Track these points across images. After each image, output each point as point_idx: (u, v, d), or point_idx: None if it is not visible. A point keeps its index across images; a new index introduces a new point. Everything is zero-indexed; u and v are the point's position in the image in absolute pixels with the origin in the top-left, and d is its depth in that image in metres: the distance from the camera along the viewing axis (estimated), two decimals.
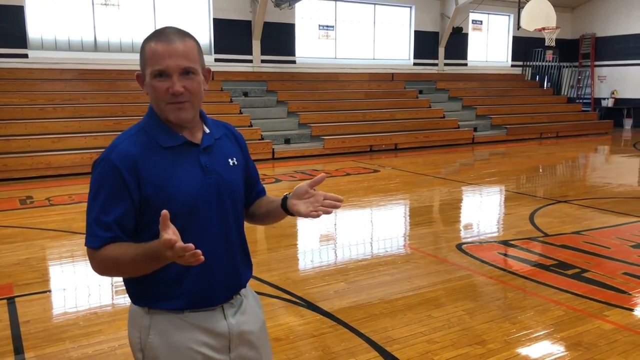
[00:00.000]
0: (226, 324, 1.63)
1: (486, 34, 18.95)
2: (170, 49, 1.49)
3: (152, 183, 1.50)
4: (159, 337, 1.57)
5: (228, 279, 1.64)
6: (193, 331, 1.58)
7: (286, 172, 10.17)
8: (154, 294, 1.57)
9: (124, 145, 1.53)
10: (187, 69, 1.51)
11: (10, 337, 3.49)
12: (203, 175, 1.57)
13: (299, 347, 3.36)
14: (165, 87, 1.50)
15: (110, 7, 12.83)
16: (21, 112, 10.72)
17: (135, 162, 1.49)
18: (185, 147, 1.57)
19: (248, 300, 1.73)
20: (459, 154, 13.28)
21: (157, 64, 1.50)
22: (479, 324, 3.68)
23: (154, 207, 1.49)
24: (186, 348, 1.57)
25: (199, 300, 1.59)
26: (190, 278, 1.56)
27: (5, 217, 6.83)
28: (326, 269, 4.88)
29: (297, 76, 14.95)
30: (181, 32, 1.55)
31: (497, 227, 6.50)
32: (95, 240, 1.49)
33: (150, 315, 1.58)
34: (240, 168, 1.70)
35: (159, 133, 1.56)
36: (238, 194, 1.68)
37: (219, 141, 1.66)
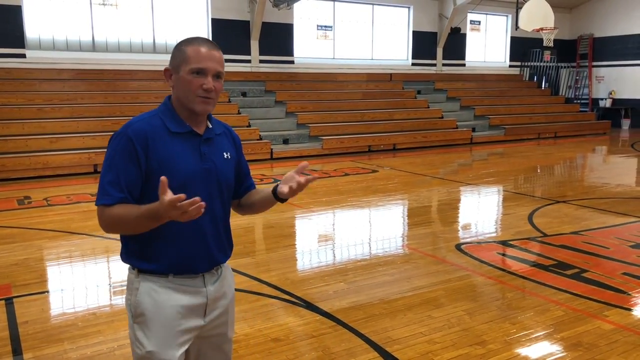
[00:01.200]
0: (205, 290, 1.89)
1: (484, 34, 18.97)
2: (212, 54, 1.83)
3: (157, 159, 1.78)
4: (145, 296, 1.83)
5: (210, 253, 1.90)
6: (176, 292, 1.84)
7: (285, 172, 10.07)
8: (143, 257, 1.84)
9: (140, 124, 1.82)
10: (219, 73, 1.85)
11: (9, 338, 3.47)
12: (201, 161, 1.86)
13: (299, 348, 3.35)
14: (201, 82, 1.81)
15: (108, 7, 12.80)
16: (19, 112, 10.69)
17: (147, 138, 1.78)
18: (189, 135, 1.86)
19: (225, 273, 2.02)
20: (457, 154, 13.29)
21: (199, 63, 1.80)
22: (479, 324, 3.67)
23: (155, 179, 1.70)
24: (169, 306, 1.83)
25: (182, 267, 1.85)
26: (176, 247, 1.84)
27: (3, 217, 6.80)
28: (325, 270, 4.87)
29: (296, 76, 14.94)
30: (214, 43, 1.88)
31: (496, 227, 6.50)
32: (108, 199, 1.75)
33: (140, 278, 1.85)
34: (232, 162, 1.99)
35: (170, 120, 1.85)
36: (227, 183, 1.96)
37: (218, 136, 1.96)
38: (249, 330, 3.57)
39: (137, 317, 1.84)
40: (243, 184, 2.10)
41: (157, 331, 1.82)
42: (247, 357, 3.23)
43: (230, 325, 2.03)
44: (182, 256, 1.85)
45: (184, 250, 1.85)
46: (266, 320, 3.75)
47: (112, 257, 5.23)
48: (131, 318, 1.86)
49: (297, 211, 7.17)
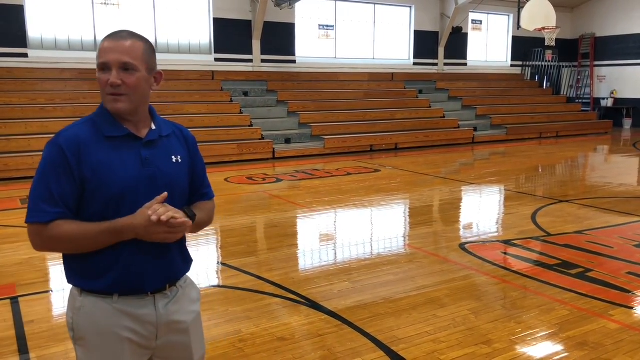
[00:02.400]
0: (155, 313, 1.72)
1: (486, 33, 18.96)
2: (114, 45, 1.66)
3: (91, 167, 1.62)
4: (87, 319, 1.68)
5: (158, 269, 1.73)
6: (120, 316, 1.68)
7: (287, 172, 10.15)
8: (86, 275, 1.68)
9: (71, 131, 1.67)
10: (126, 65, 1.66)
11: (15, 337, 3.48)
12: (141, 167, 1.68)
13: (305, 347, 3.35)
14: (106, 79, 1.66)
15: (110, 6, 12.81)
16: (21, 111, 10.69)
17: (79, 145, 1.63)
18: (127, 139, 1.70)
19: (185, 292, 1.83)
20: (459, 153, 13.29)
21: (101, 58, 1.67)
22: (484, 323, 3.67)
23: (90, 189, 1.63)
24: (111, 332, 1.67)
25: (127, 285, 1.68)
26: (120, 263, 1.67)
27: (7, 216, 6.81)
28: (329, 269, 4.87)
29: (297, 76, 14.93)
30: (133, 33, 1.72)
31: (499, 226, 6.50)
32: (44, 215, 1.60)
33: (83, 297, 1.70)
34: (184, 166, 1.80)
35: (105, 124, 1.69)
36: (178, 189, 1.76)
37: (165, 138, 1.78)
38: (255, 329, 3.58)
39: (78, 339, 1.71)
40: (197, 191, 1.89)
41: (99, 357, 1.69)
42: (253, 356, 3.23)
43: (196, 347, 1.85)
44: (127, 273, 1.67)
45: (129, 266, 1.67)
46: (271, 319, 3.75)
47: None
48: (72, 338, 1.73)
49: (299, 211, 7.17)
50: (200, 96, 12.74)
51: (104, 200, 1.64)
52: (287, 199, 7.82)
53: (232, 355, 3.23)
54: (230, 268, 4.80)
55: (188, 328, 1.82)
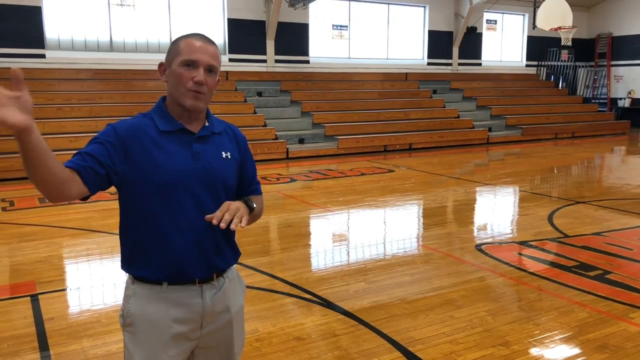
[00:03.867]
0: (201, 302, 1.77)
1: (500, 33, 18.82)
2: (204, 46, 1.76)
3: (142, 157, 1.69)
4: (137, 306, 1.75)
5: (206, 259, 1.78)
6: (167, 305, 1.74)
7: (300, 172, 10.16)
8: (135, 262, 1.76)
9: (129, 121, 1.77)
10: (212, 67, 1.76)
11: (35, 334, 3.52)
12: (192, 160, 1.75)
13: (321, 347, 3.36)
14: (192, 75, 1.72)
15: (125, 7, 12.92)
16: (39, 111, 10.82)
17: (132, 135, 1.71)
18: (180, 133, 1.77)
19: (231, 284, 1.88)
20: (473, 154, 13.21)
21: (190, 55, 1.73)
22: (502, 325, 3.65)
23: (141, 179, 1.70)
24: (159, 319, 1.73)
25: (175, 273, 1.74)
26: (165, 251, 1.73)
27: (25, 215, 6.90)
28: (345, 269, 4.86)
29: (311, 76, 14.95)
30: (211, 39, 1.82)
31: (515, 227, 6.44)
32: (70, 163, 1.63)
33: (135, 285, 1.77)
34: (233, 163, 1.85)
35: (160, 119, 1.77)
36: (225, 184, 1.82)
37: (216, 135, 1.84)
38: (272, 328, 3.59)
39: (127, 325, 1.77)
40: (247, 187, 1.95)
41: (146, 343, 1.74)
42: (270, 356, 3.24)
43: (237, 341, 1.91)
44: (174, 261, 1.73)
45: (176, 255, 1.73)
46: (288, 318, 3.75)
47: None
48: (122, 324, 1.80)
49: (314, 211, 7.17)
50: (214, 96, 12.75)
51: (154, 190, 1.70)
52: (301, 199, 7.82)
53: (250, 354, 3.24)
54: (245, 267, 4.82)
55: (232, 319, 1.86)
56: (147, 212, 1.72)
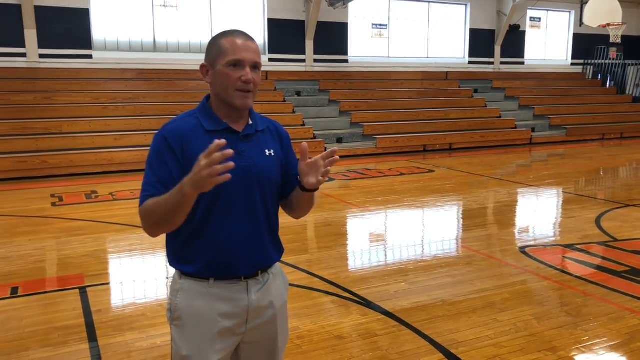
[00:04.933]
0: (247, 298, 1.79)
1: (545, 31, 18.33)
2: (248, 44, 1.75)
3: (191, 158, 1.65)
4: (184, 300, 1.78)
5: (252, 256, 1.80)
6: (214, 300, 1.77)
7: (339, 172, 10.15)
8: (183, 258, 1.79)
9: (175, 123, 1.78)
10: (256, 64, 1.76)
11: (84, 325, 3.63)
12: (237, 159, 1.70)
13: (361, 347, 3.34)
14: (238, 75, 1.72)
15: (168, 8, 13.20)
16: (86, 110, 11.18)
17: (181, 138, 1.73)
18: (226, 132, 1.77)
19: (275, 280, 1.90)
20: (516, 154, 12.91)
21: (235, 55, 1.73)
22: (548, 329, 3.55)
23: None
24: (206, 314, 1.76)
25: (221, 269, 1.77)
26: (213, 247, 1.75)
27: (73, 210, 7.13)
28: (385, 269, 4.83)
29: (350, 75, 14.92)
30: (250, 35, 1.81)
31: (561, 230, 6.26)
32: (143, 199, 1.70)
33: (182, 280, 1.81)
34: (276, 160, 1.86)
35: (206, 118, 1.78)
36: (270, 181, 1.83)
37: (260, 133, 1.85)
38: (313, 326, 3.59)
39: (175, 319, 1.80)
40: (291, 183, 1.93)
41: (193, 337, 1.77)
42: (311, 353, 3.25)
43: (281, 336, 1.92)
44: (221, 258, 1.76)
45: (222, 251, 1.75)
46: (328, 317, 3.75)
47: None
48: (169, 319, 1.83)
49: (352, 210, 7.16)
50: None
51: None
52: (340, 198, 7.82)
53: (291, 352, 3.25)
54: (284, 265, 4.84)
55: (276, 315, 1.88)
56: (196, 212, 1.72)
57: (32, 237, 5.84)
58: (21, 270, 4.77)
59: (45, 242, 5.69)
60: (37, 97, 11.15)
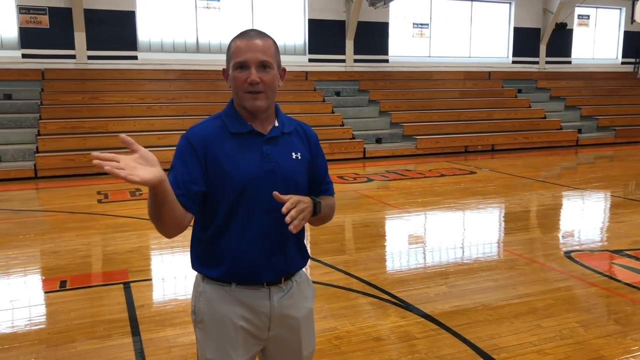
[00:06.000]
0: (269, 304, 1.77)
1: (593, 29, 17.73)
2: (251, 44, 1.71)
3: (215, 160, 1.70)
4: (207, 304, 1.78)
5: (275, 262, 1.77)
6: (236, 305, 1.76)
7: (377, 172, 10.10)
8: (205, 262, 1.78)
9: (200, 127, 1.77)
10: (263, 63, 1.71)
11: (128, 319, 3.73)
12: (262, 162, 1.73)
13: (400, 349, 3.31)
14: (245, 77, 1.70)
15: (211, 9, 13.42)
16: (131, 110, 11.49)
17: (205, 141, 1.71)
18: (251, 135, 1.75)
19: (300, 288, 1.86)
20: (561, 156, 12.54)
21: (238, 57, 1.71)
22: (595, 338, 3.42)
23: (213, 182, 1.70)
24: (227, 319, 1.75)
25: (243, 275, 1.74)
26: (236, 253, 1.73)
27: (118, 207, 7.34)
28: (424, 272, 4.77)
29: (390, 75, 14.82)
30: (261, 32, 1.77)
31: (609, 235, 6.04)
32: None
33: (204, 283, 1.80)
34: (303, 163, 1.81)
35: (231, 121, 1.76)
36: (297, 185, 1.77)
37: (287, 135, 1.81)
38: (351, 327, 3.58)
39: (199, 322, 1.81)
40: (318, 187, 1.90)
41: (216, 341, 1.77)
42: (349, 354, 3.23)
43: (305, 345, 1.88)
44: (243, 263, 1.73)
45: (244, 256, 1.73)
46: (366, 318, 3.73)
47: None
48: (194, 321, 1.83)
49: (392, 211, 7.10)
50: (293, 96, 13.00)
51: (226, 193, 1.70)
52: (379, 199, 7.77)
53: (328, 352, 3.25)
54: (322, 265, 4.84)
55: (299, 323, 1.85)
56: (218, 214, 1.72)
57: (79, 232, 6.03)
58: (69, 265, 4.94)
59: (92, 238, 5.87)
60: (85, 97, 11.54)
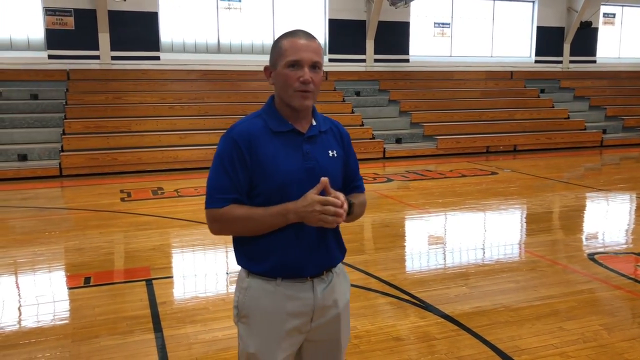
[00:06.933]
0: (313, 296, 1.82)
1: (619, 27, 17.40)
2: (306, 44, 1.76)
3: (259, 159, 1.74)
4: (252, 299, 1.81)
5: (317, 256, 1.82)
6: (282, 299, 1.79)
7: (397, 172, 10.06)
8: (252, 258, 1.82)
9: (243, 125, 1.80)
10: (315, 63, 1.76)
11: (150, 316, 3.79)
12: (303, 160, 1.78)
13: (420, 349, 3.30)
14: (297, 75, 1.74)
15: (232, 10, 13.52)
16: (153, 109, 11.64)
17: (250, 139, 1.76)
18: (291, 134, 1.80)
19: (339, 279, 1.92)
20: (585, 157, 12.33)
21: (293, 55, 1.74)
22: (619, 341, 3.37)
23: (257, 180, 1.75)
24: (273, 313, 1.79)
25: (289, 269, 1.79)
26: (281, 249, 1.78)
27: (141, 206, 7.44)
28: (445, 272, 4.74)
29: (410, 75, 14.75)
30: (309, 33, 1.81)
31: (634, 237, 5.92)
32: (219, 202, 1.75)
33: (250, 279, 1.83)
34: (339, 161, 1.87)
35: (272, 120, 1.80)
36: (334, 182, 1.80)
37: (323, 134, 1.87)
38: (370, 327, 3.58)
39: (242, 317, 1.84)
40: (350, 184, 1.96)
41: (260, 335, 1.81)
42: (369, 354, 3.24)
43: (344, 335, 1.94)
44: (288, 258, 1.79)
45: (289, 251, 1.78)
46: (386, 318, 3.73)
47: None
48: (236, 316, 1.86)
49: (412, 212, 7.07)
50: None
51: (269, 190, 1.75)
52: (399, 199, 7.74)
53: (348, 351, 3.25)
54: (343, 264, 4.84)
55: (340, 313, 1.90)
56: None
57: (102, 230, 6.14)
58: (93, 261, 5.03)
59: (115, 236, 5.97)
60: (109, 97, 11.72)
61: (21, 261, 5.13)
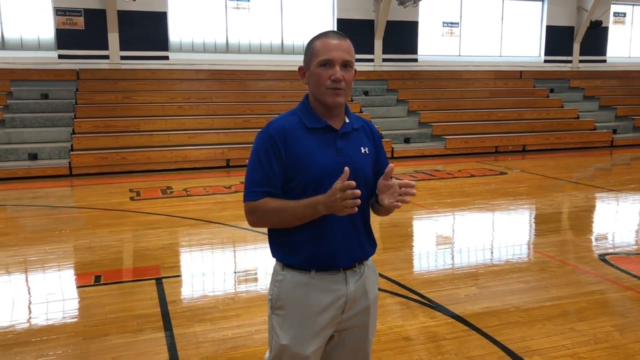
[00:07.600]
0: (345, 288, 1.88)
1: (630, 27, 17.27)
2: (337, 43, 1.84)
3: (294, 154, 1.82)
4: (286, 291, 1.88)
5: (350, 248, 1.89)
6: (316, 291, 1.86)
7: (406, 172, 10.03)
8: (286, 250, 1.88)
9: (279, 122, 1.88)
10: (347, 62, 1.84)
11: (160, 314, 3.80)
12: (336, 155, 1.85)
13: (430, 349, 3.29)
14: (329, 74, 1.82)
15: (241, 10, 13.55)
16: (162, 109, 11.68)
17: (285, 135, 1.83)
18: (326, 130, 1.88)
19: (370, 272, 1.98)
20: (595, 157, 12.25)
21: (325, 55, 1.83)
22: (632, 342, 3.34)
23: (292, 174, 1.83)
24: (307, 304, 1.85)
25: (322, 262, 1.85)
26: (315, 240, 1.84)
27: (150, 205, 7.47)
28: (454, 272, 4.73)
29: (419, 74, 14.71)
30: (341, 34, 1.90)
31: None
32: (256, 195, 1.82)
33: (284, 271, 1.89)
34: (370, 157, 1.94)
35: (307, 117, 1.88)
36: (364, 179, 1.89)
37: (356, 131, 1.94)
38: (380, 326, 3.57)
39: (276, 309, 1.89)
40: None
41: (294, 326, 1.86)
42: (379, 353, 3.23)
43: (372, 327, 2.00)
44: (323, 251, 1.84)
45: (325, 245, 1.84)
46: (396, 318, 3.72)
47: (248, 246, 5.54)
48: (270, 308, 1.91)
49: (420, 212, 7.05)
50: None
51: (304, 184, 1.82)
52: None
53: None
54: None
55: (369, 305, 1.96)
56: None
57: (112, 229, 6.17)
58: (103, 260, 5.05)
59: (124, 234, 5.99)
60: (118, 96, 11.78)
61: (32, 259, 5.17)
